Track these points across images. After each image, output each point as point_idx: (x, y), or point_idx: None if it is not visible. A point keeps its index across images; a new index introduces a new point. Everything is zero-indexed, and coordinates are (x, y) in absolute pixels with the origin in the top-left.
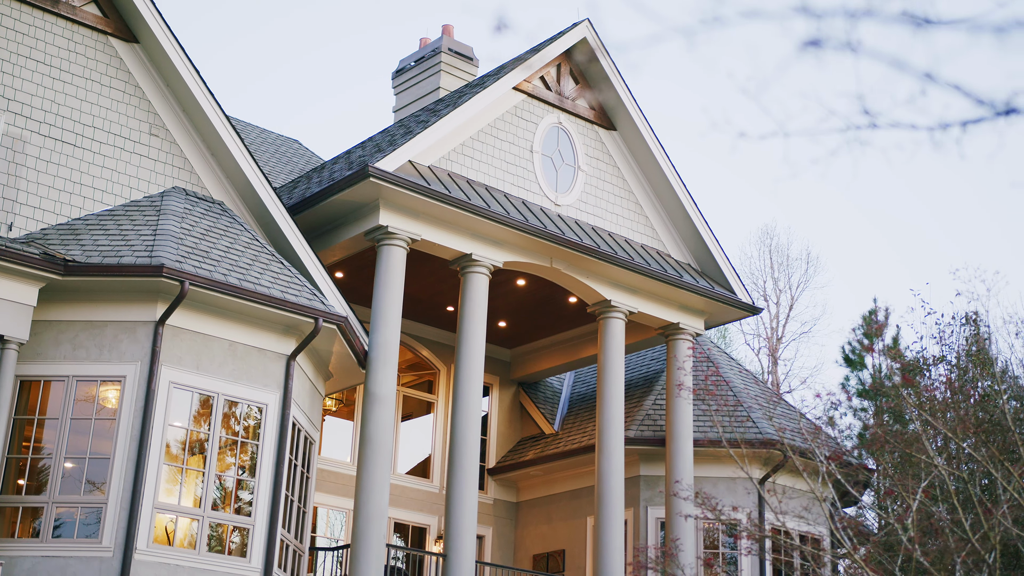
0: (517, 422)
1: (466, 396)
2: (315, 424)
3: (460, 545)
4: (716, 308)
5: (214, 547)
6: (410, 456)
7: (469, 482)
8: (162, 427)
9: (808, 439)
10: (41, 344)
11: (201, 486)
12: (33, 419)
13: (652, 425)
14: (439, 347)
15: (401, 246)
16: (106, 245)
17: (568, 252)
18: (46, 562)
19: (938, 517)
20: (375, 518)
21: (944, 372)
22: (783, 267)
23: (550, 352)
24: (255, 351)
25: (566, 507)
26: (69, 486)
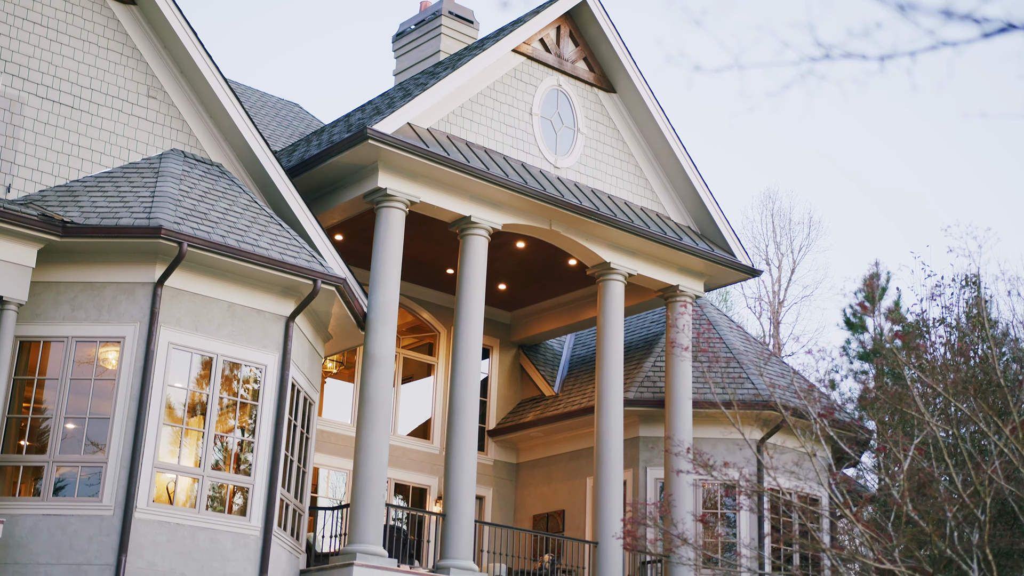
0: (517, 384)
1: (465, 358)
2: (315, 385)
3: (459, 505)
4: (716, 270)
5: (214, 506)
6: (411, 418)
7: (468, 443)
8: (161, 387)
9: (801, 396)
10: (40, 305)
11: (201, 446)
12: (33, 379)
13: (651, 387)
14: (439, 309)
15: (400, 208)
16: (104, 207)
17: (567, 214)
18: (47, 520)
19: (927, 472)
20: (374, 478)
21: (943, 334)
22: (785, 231)
23: (550, 315)
24: (254, 312)
25: (566, 468)
26: (69, 446)
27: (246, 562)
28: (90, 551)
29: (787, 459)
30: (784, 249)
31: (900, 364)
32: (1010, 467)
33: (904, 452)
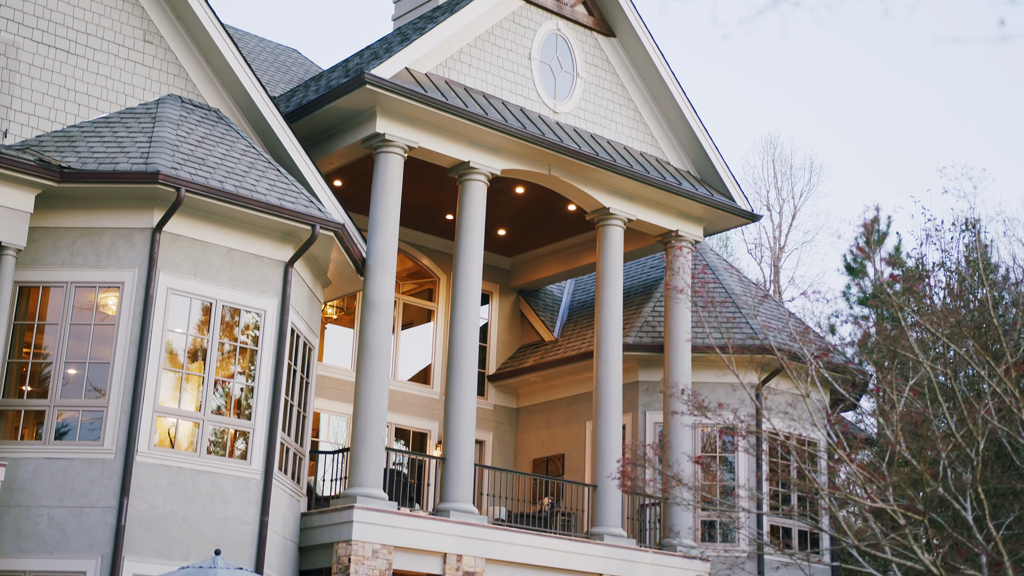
0: (517, 329)
1: (464, 303)
2: (314, 330)
3: (459, 449)
4: (715, 215)
5: (215, 450)
6: (411, 363)
7: (468, 388)
8: (161, 333)
9: (796, 338)
10: (39, 251)
11: (201, 391)
12: (33, 324)
13: (651, 332)
14: (439, 255)
15: (398, 154)
16: (101, 152)
17: (566, 159)
18: (49, 464)
19: (921, 412)
20: (374, 422)
21: (943, 278)
22: (786, 177)
23: (550, 260)
24: (253, 258)
25: (565, 412)
26: (70, 390)
27: (247, 505)
28: (92, 494)
29: (784, 401)
30: (785, 195)
31: (897, 308)
32: (1004, 408)
33: (899, 393)
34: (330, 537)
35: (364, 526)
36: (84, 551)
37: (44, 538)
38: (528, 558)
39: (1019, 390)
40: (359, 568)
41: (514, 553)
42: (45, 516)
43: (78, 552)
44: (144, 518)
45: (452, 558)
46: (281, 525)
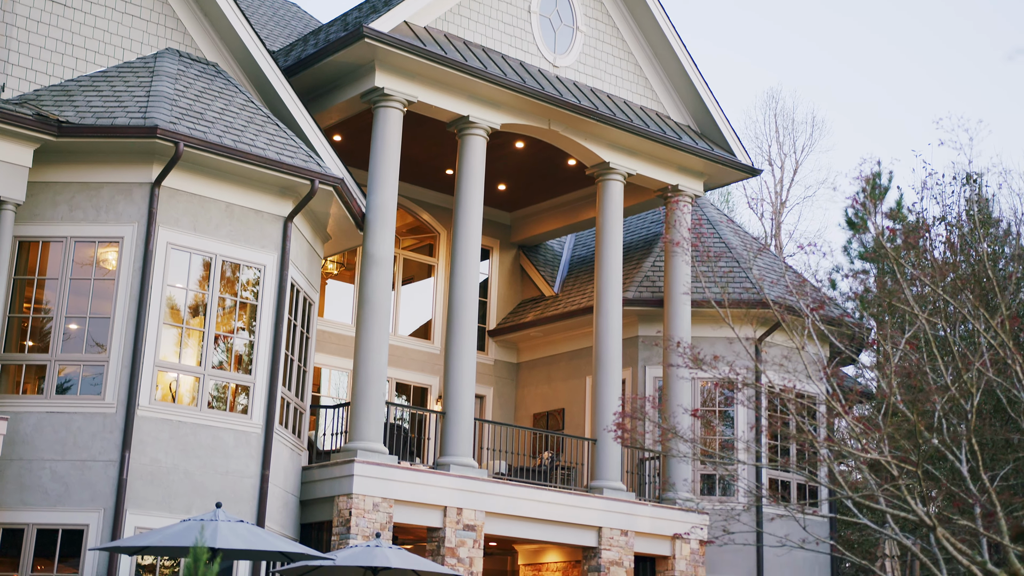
0: (518, 284)
1: (464, 258)
2: (314, 285)
3: (459, 403)
4: (715, 169)
5: (216, 405)
6: (412, 319)
7: (467, 342)
8: (161, 288)
9: (792, 291)
10: (38, 205)
11: (201, 345)
12: (33, 279)
13: (651, 286)
14: (439, 210)
15: (397, 108)
16: (99, 106)
17: (566, 114)
18: (51, 418)
19: (915, 364)
20: (374, 377)
21: (943, 232)
22: (788, 131)
23: (550, 215)
24: (252, 213)
25: (565, 367)
26: (71, 345)
27: (248, 459)
28: (94, 447)
29: (782, 355)
30: (787, 149)
31: (894, 261)
32: (999, 361)
33: (895, 346)
34: (331, 491)
35: (365, 480)
36: (86, 504)
37: (47, 491)
38: (528, 511)
39: (1014, 343)
40: (360, 521)
41: (514, 506)
42: (47, 470)
43: (80, 505)
44: (146, 472)
45: (452, 511)
46: (282, 479)
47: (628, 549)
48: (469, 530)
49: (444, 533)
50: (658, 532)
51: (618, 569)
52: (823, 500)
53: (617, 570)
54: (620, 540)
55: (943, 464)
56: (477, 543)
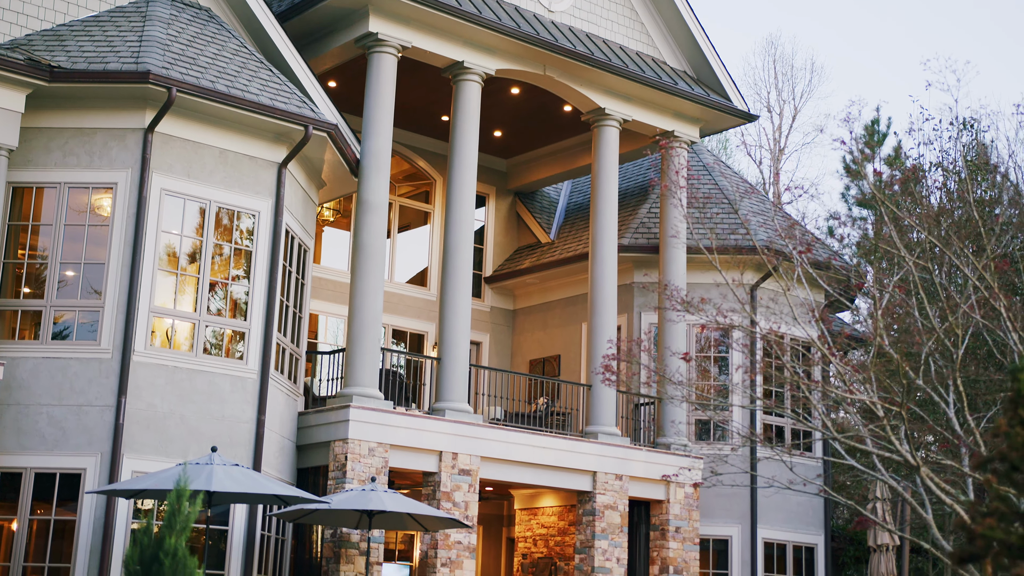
0: (514, 231)
1: (459, 204)
2: (309, 232)
3: (454, 349)
4: (711, 116)
5: (212, 350)
6: (408, 266)
7: (462, 288)
8: (155, 234)
9: (781, 234)
10: (32, 151)
11: (196, 291)
12: (27, 225)
13: (646, 232)
14: (435, 157)
15: (392, 53)
16: (92, 51)
17: (561, 59)
18: (47, 363)
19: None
20: (369, 323)
21: (939, 178)
22: (787, 77)
23: (546, 162)
24: (246, 159)
25: (561, 314)
26: (67, 291)
27: (244, 404)
28: (90, 393)
29: (774, 300)
30: (786, 96)
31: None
32: (987, 304)
33: (883, 289)
34: (327, 436)
35: (360, 425)
36: (84, 448)
37: (44, 436)
38: (523, 456)
39: (1002, 285)
40: (356, 466)
41: (509, 451)
42: (44, 414)
43: (78, 449)
44: (142, 416)
45: (448, 456)
46: (278, 424)
47: (623, 493)
48: (464, 475)
49: (440, 478)
50: (652, 476)
51: (613, 513)
52: (816, 440)
53: (612, 514)
54: (615, 484)
55: (935, 410)
56: (472, 487)
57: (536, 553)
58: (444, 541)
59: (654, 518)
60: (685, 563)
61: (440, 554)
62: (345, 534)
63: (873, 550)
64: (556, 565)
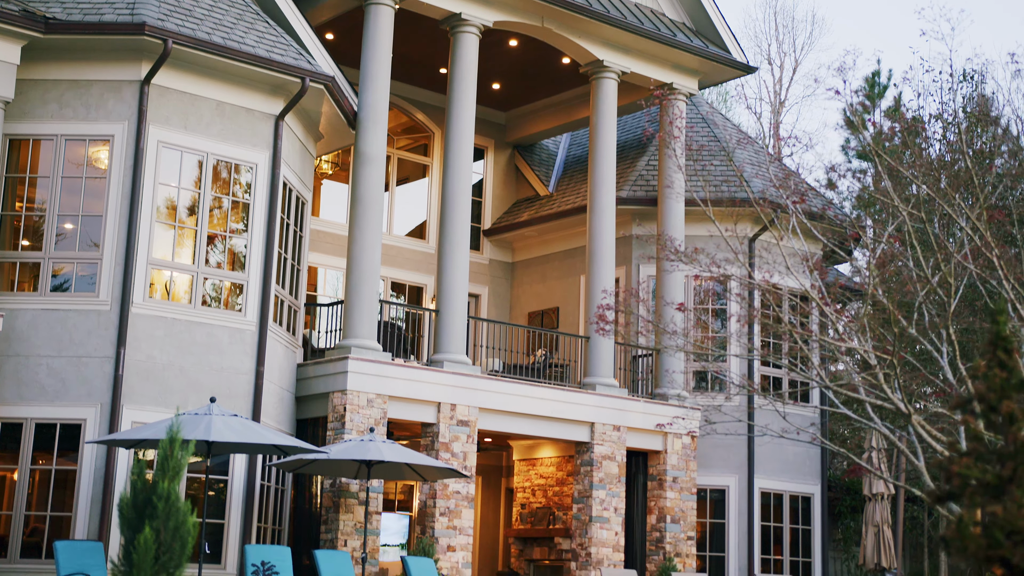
0: (512, 184)
1: (457, 156)
2: (307, 184)
3: (452, 301)
4: (710, 68)
5: (210, 303)
6: (408, 219)
7: (460, 240)
8: (152, 186)
9: (776, 184)
10: (28, 103)
11: (194, 243)
12: (24, 177)
13: (645, 185)
14: (433, 110)
15: (389, 5)
16: (87, 3)
17: (559, 11)
18: (46, 315)
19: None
20: (367, 275)
21: (939, 130)
22: (788, 29)
23: (545, 114)
24: (243, 111)
25: (560, 266)
26: (65, 244)
27: (243, 356)
28: (89, 344)
29: (771, 252)
30: (786, 48)
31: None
32: (982, 256)
33: (878, 240)
34: (326, 387)
35: (359, 376)
36: (83, 399)
37: (44, 387)
38: (521, 407)
39: (994, 235)
40: (354, 416)
41: (507, 402)
42: (44, 366)
43: (77, 400)
44: (141, 368)
45: (446, 407)
46: (277, 375)
47: (620, 444)
48: (463, 425)
49: (438, 428)
50: (650, 427)
51: (610, 463)
52: (812, 388)
53: (610, 464)
54: (612, 435)
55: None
56: (471, 438)
57: (535, 503)
58: (443, 491)
59: (652, 468)
60: (682, 512)
61: (439, 504)
62: (344, 484)
63: (868, 499)
64: (554, 515)
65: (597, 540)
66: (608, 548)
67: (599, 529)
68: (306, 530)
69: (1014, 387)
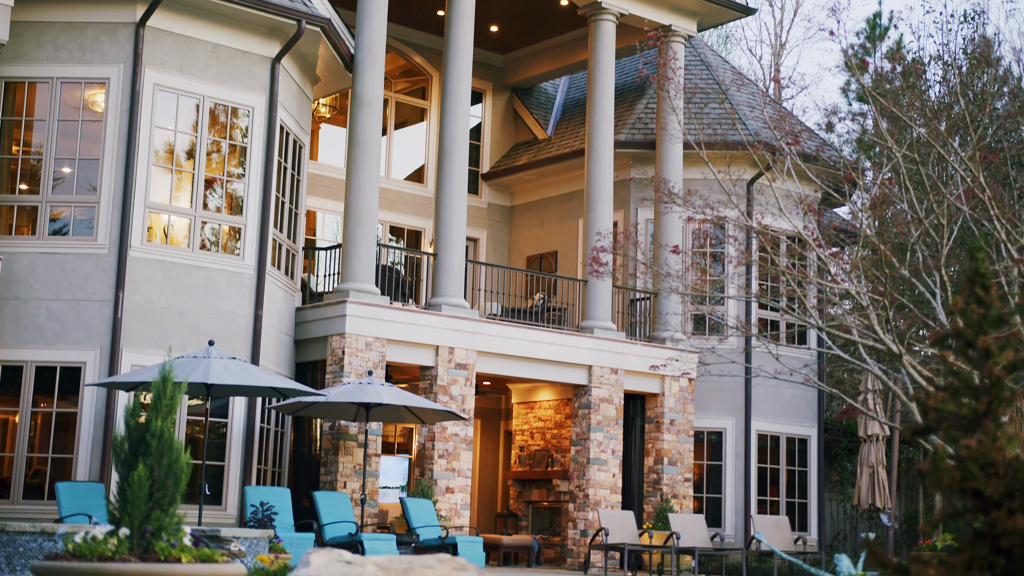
0: (511, 128)
1: (454, 99)
2: (304, 128)
3: (450, 245)
4: (709, 9)
5: (208, 246)
6: (406, 163)
7: (458, 183)
8: (149, 129)
9: (770, 125)
10: (23, 46)
11: (191, 187)
12: (20, 120)
13: (643, 128)
14: (431, 52)
15: None
16: None
17: None
18: (44, 258)
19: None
20: (365, 219)
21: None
22: None
23: (543, 57)
24: (239, 54)
25: (558, 210)
26: (63, 187)
27: (241, 299)
28: (88, 288)
29: (764, 194)
30: None
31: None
32: (976, 197)
33: (873, 182)
34: (324, 331)
35: (357, 320)
36: (83, 343)
37: (43, 330)
38: (519, 350)
39: (989, 177)
40: (353, 360)
41: (505, 346)
42: (43, 309)
43: (77, 343)
44: (140, 311)
45: (444, 350)
46: (275, 319)
47: (618, 387)
48: (461, 369)
49: (436, 372)
50: (647, 370)
51: (608, 406)
52: (810, 331)
53: (607, 407)
54: (610, 378)
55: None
56: (469, 381)
57: (533, 446)
58: (441, 433)
59: (649, 411)
60: (679, 455)
61: (437, 446)
62: (343, 427)
63: (863, 440)
64: (553, 457)
65: (595, 482)
66: (605, 490)
67: (597, 471)
68: (306, 472)
69: (991, 323)
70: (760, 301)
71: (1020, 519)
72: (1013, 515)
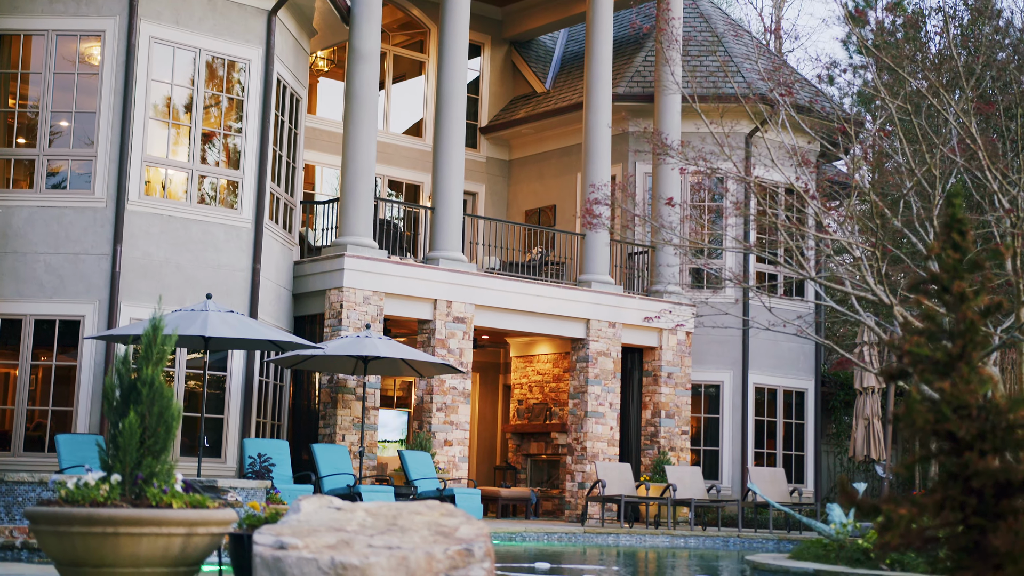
0: (509, 81)
1: (452, 53)
2: (301, 81)
3: (447, 199)
4: None
5: (206, 200)
6: (404, 116)
7: (456, 137)
8: (145, 83)
9: (765, 76)
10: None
11: (188, 141)
12: (16, 73)
13: (641, 81)
14: (429, 5)
15: None
16: None
17: None
18: (42, 212)
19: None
20: (363, 173)
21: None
22: None
23: (541, 9)
24: (235, 6)
25: (557, 164)
26: (60, 141)
27: (239, 252)
28: (86, 241)
29: (758, 146)
30: None
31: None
32: (969, 149)
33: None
34: (323, 284)
35: (355, 273)
36: (82, 296)
37: (42, 283)
38: (517, 304)
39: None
40: (351, 313)
41: (503, 299)
42: (42, 262)
43: (76, 297)
44: (138, 265)
45: (442, 304)
46: (274, 273)
47: (616, 340)
48: (459, 322)
49: (434, 325)
50: (645, 324)
51: (606, 359)
52: (807, 283)
53: (605, 360)
54: (608, 332)
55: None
56: (467, 335)
57: (531, 399)
58: (439, 387)
59: (647, 364)
60: (677, 407)
61: (435, 399)
62: (342, 380)
63: (859, 392)
64: (551, 410)
65: (592, 435)
66: (603, 442)
67: (594, 424)
68: (305, 425)
69: (966, 268)
70: (755, 253)
71: (991, 460)
72: (984, 456)
